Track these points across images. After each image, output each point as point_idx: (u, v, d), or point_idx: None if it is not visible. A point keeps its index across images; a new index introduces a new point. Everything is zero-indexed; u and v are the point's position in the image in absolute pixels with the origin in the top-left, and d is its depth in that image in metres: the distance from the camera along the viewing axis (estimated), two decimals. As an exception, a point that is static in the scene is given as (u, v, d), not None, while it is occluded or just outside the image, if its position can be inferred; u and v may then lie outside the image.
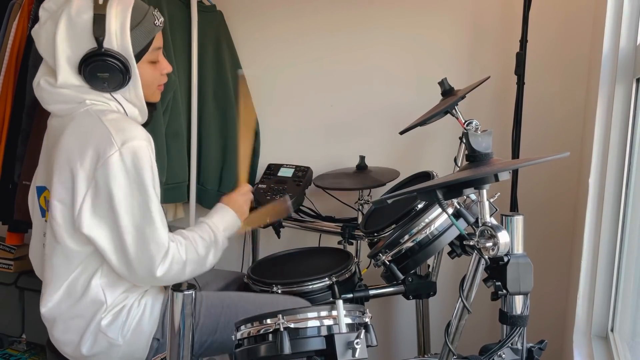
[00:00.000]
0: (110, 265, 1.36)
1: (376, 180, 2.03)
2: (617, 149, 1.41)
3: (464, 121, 1.70)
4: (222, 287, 1.78)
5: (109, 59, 1.33)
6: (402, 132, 1.82)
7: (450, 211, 1.17)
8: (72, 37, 1.34)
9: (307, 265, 1.82)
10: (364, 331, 1.02)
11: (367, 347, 1.04)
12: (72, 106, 1.38)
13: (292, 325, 1.03)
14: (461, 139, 1.85)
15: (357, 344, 0.99)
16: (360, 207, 2.06)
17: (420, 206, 1.43)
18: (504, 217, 1.03)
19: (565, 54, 2.01)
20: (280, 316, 1.03)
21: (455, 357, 1.09)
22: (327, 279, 1.67)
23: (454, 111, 1.74)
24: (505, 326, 1.05)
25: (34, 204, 1.51)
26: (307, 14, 2.33)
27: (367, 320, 1.09)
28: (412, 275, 1.79)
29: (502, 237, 0.93)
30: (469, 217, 1.05)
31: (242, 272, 1.94)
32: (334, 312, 1.05)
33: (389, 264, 1.36)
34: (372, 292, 1.78)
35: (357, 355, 0.99)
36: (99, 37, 1.32)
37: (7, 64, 2.08)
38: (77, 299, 1.39)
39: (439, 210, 1.33)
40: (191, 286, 1.04)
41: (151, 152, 1.36)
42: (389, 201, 1.02)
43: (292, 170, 2.20)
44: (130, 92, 1.41)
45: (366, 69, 2.27)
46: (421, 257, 1.36)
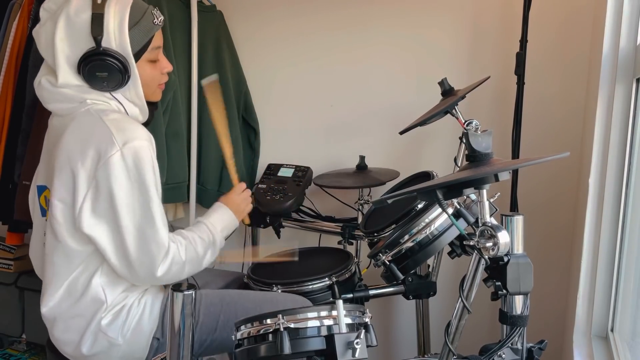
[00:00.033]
0: (111, 265, 1.36)
1: (376, 180, 2.03)
2: (617, 149, 1.41)
3: (464, 121, 1.70)
4: (222, 287, 1.78)
5: (108, 58, 1.33)
6: (402, 132, 1.82)
7: (450, 211, 1.17)
8: (70, 37, 1.34)
9: (307, 265, 1.82)
10: (364, 331, 1.02)
11: (367, 347, 1.04)
12: (73, 105, 1.38)
13: (292, 325, 1.03)
14: (461, 139, 1.85)
15: (357, 344, 0.99)
16: (360, 207, 2.06)
17: (420, 206, 1.43)
18: (504, 217, 1.03)
19: (565, 54, 2.01)
20: (280, 316, 1.03)
21: (455, 357, 1.08)
22: (327, 279, 1.67)
23: (454, 111, 1.74)
24: (505, 326, 1.05)
25: (34, 203, 1.51)
26: (307, 13, 2.32)
27: (367, 320, 1.08)
28: (412, 275, 1.79)
29: (502, 237, 0.93)
30: (469, 217, 1.05)
31: (242, 272, 1.94)
32: (334, 312, 1.05)
33: (389, 264, 1.36)
34: (372, 292, 1.78)
35: (357, 355, 0.99)
36: (97, 36, 1.32)
37: (7, 64, 2.08)
38: (78, 298, 1.39)
39: (439, 210, 1.33)
40: (191, 286, 1.04)
41: (152, 152, 1.36)
42: (389, 201, 1.02)
43: (292, 170, 2.20)
44: (130, 91, 1.40)
45: (366, 68, 2.27)
46: (421, 257, 1.36)
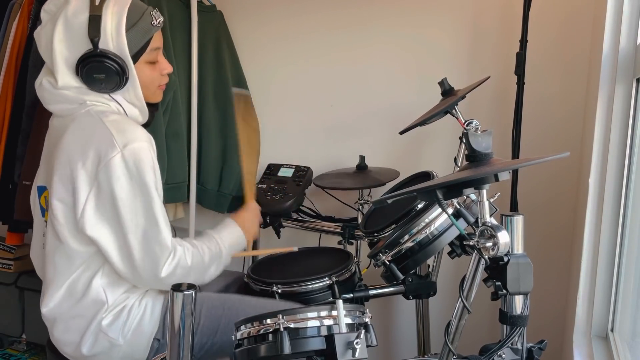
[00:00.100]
0: (114, 267, 1.36)
1: (376, 180, 2.03)
2: (617, 149, 1.41)
3: (464, 121, 1.70)
4: (222, 286, 1.78)
5: (105, 60, 1.33)
6: (402, 132, 1.82)
7: (450, 211, 1.17)
8: (68, 39, 1.34)
9: (307, 265, 1.82)
10: (364, 331, 1.02)
11: (367, 347, 1.03)
12: (73, 107, 1.38)
13: (292, 325, 1.03)
14: (461, 139, 1.85)
15: (357, 344, 0.99)
16: (360, 207, 2.06)
17: (420, 206, 1.43)
18: (504, 217, 1.03)
19: (565, 54, 2.01)
20: (280, 316, 1.03)
21: (455, 357, 1.08)
22: (327, 278, 1.67)
23: (454, 111, 1.74)
24: (505, 326, 1.05)
25: (35, 203, 1.51)
26: (307, 13, 2.32)
27: (367, 320, 1.08)
28: (412, 275, 1.79)
29: (502, 237, 0.93)
30: (469, 217, 1.05)
31: (242, 272, 1.94)
32: (334, 312, 1.05)
33: (389, 264, 1.36)
34: (372, 292, 1.78)
35: (357, 355, 0.99)
36: (94, 38, 1.32)
37: (7, 64, 2.08)
38: (78, 299, 1.39)
39: (439, 210, 1.33)
40: (191, 286, 1.04)
41: (153, 154, 1.36)
42: (389, 201, 1.02)
43: (292, 170, 2.20)
44: (129, 92, 1.40)
45: (366, 68, 2.27)
46: (421, 257, 1.36)
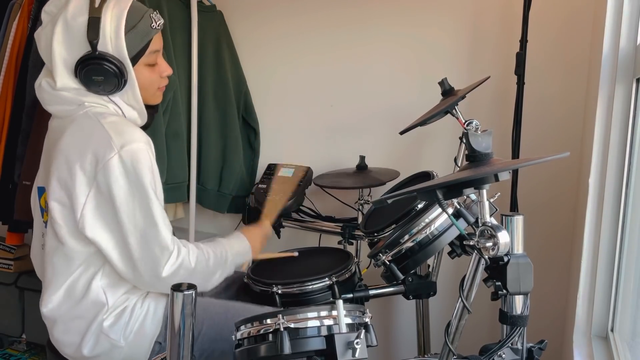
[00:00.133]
0: (115, 268, 1.36)
1: (376, 180, 2.03)
2: (617, 149, 1.41)
3: (464, 121, 1.70)
4: (222, 286, 1.77)
5: (104, 62, 1.32)
6: (402, 132, 1.82)
7: (450, 211, 1.17)
8: (67, 40, 1.34)
9: (307, 265, 1.82)
10: (364, 331, 1.02)
11: (367, 347, 1.04)
12: (72, 108, 1.38)
13: (292, 325, 1.03)
14: (461, 139, 1.85)
15: (357, 344, 0.99)
16: (360, 207, 2.06)
17: (420, 206, 1.43)
18: (504, 217, 1.03)
19: (565, 54, 2.01)
20: (280, 316, 1.03)
21: (455, 357, 1.08)
22: (327, 279, 1.66)
23: (454, 111, 1.74)
24: (505, 326, 1.05)
25: (35, 204, 1.51)
26: (307, 13, 2.32)
27: (367, 320, 1.09)
28: (412, 275, 1.79)
29: (502, 237, 0.93)
30: (469, 217, 1.05)
31: (242, 272, 1.94)
32: (334, 312, 1.05)
33: (389, 264, 1.36)
34: (372, 292, 1.77)
35: (357, 355, 0.99)
36: (93, 40, 1.32)
37: (7, 64, 2.08)
38: (78, 300, 1.39)
39: (439, 210, 1.33)
40: (191, 286, 1.04)
41: (151, 155, 1.36)
42: (389, 201, 1.01)
43: (292, 170, 2.20)
44: (128, 95, 1.40)
45: (366, 68, 2.27)
46: (421, 257, 1.36)
